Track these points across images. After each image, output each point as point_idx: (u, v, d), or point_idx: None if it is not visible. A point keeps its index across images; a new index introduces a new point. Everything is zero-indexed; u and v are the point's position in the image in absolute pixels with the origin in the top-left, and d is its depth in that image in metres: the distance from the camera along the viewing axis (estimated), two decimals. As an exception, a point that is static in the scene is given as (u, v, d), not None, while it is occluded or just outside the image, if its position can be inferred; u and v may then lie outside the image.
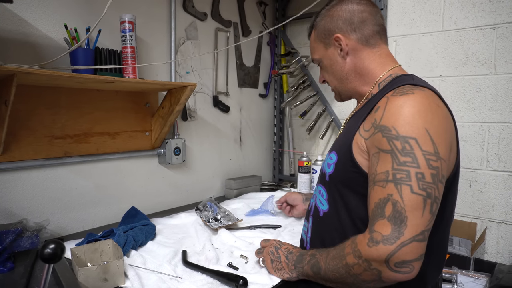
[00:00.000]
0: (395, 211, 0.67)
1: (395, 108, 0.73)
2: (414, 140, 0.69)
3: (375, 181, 0.72)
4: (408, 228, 0.65)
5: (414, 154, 0.68)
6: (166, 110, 1.50)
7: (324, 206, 0.90)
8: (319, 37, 0.94)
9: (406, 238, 0.65)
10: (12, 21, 1.13)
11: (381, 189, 0.70)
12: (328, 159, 0.89)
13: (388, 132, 0.71)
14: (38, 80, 1.09)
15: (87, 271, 0.86)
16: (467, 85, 1.58)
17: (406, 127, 0.69)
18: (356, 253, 0.70)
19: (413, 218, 0.66)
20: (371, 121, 0.78)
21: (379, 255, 0.66)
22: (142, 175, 1.56)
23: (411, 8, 1.71)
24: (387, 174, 0.69)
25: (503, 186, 1.51)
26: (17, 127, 1.16)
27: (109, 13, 1.03)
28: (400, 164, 0.68)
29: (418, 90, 0.75)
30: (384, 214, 0.68)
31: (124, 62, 1.30)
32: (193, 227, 1.34)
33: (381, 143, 0.72)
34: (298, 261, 0.88)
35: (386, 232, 0.66)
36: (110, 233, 1.13)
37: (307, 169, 1.78)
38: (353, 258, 0.71)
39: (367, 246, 0.68)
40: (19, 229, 1.06)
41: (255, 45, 2.14)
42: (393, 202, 0.67)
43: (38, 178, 1.23)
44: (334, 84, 0.97)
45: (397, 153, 0.69)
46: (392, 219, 0.67)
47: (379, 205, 0.69)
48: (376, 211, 0.70)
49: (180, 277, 0.96)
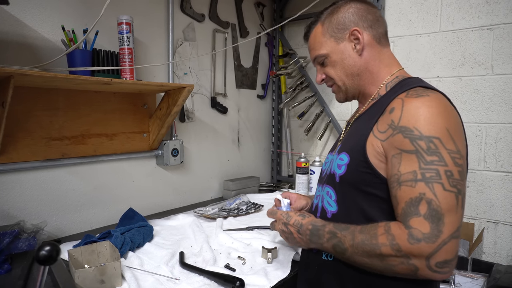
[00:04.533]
0: (431, 209, 0.67)
1: (414, 109, 0.74)
2: (438, 140, 0.70)
3: (401, 181, 0.72)
4: (446, 225, 0.66)
5: (440, 153, 0.70)
6: (164, 112, 1.50)
7: (333, 207, 0.88)
8: (330, 31, 0.92)
9: (445, 236, 0.66)
10: (9, 23, 1.13)
11: (411, 189, 0.70)
12: (338, 160, 0.88)
13: (410, 132, 0.72)
14: (36, 81, 1.09)
15: (84, 272, 0.86)
16: (465, 86, 1.58)
17: (429, 127, 0.71)
18: (394, 246, 0.69)
19: (450, 215, 0.67)
20: (386, 122, 0.78)
21: (420, 253, 0.66)
22: (139, 176, 1.56)
23: (408, 9, 1.71)
24: (415, 174, 0.70)
25: (500, 187, 1.52)
26: (14, 128, 1.16)
27: (107, 14, 1.03)
28: (428, 163, 0.69)
29: (432, 92, 0.77)
30: (419, 212, 0.68)
31: (122, 64, 1.31)
32: (190, 229, 1.34)
33: (403, 144, 0.73)
34: (313, 236, 0.85)
35: (425, 230, 0.66)
36: (108, 234, 1.13)
37: (305, 170, 1.78)
38: (390, 250, 0.70)
39: (408, 243, 0.67)
40: (16, 231, 1.06)
41: (253, 46, 2.14)
42: (428, 201, 0.68)
43: (36, 180, 1.23)
44: (343, 81, 0.94)
45: (422, 153, 0.70)
46: (429, 217, 0.67)
47: (411, 204, 0.69)
48: (409, 209, 0.70)
49: (177, 279, 0.96)
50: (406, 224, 0.69)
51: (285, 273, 1.01)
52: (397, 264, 0.70)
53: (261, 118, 2.26)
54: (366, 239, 0.74)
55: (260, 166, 2.29)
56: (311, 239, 0.86)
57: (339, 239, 0.79)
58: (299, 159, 1.81)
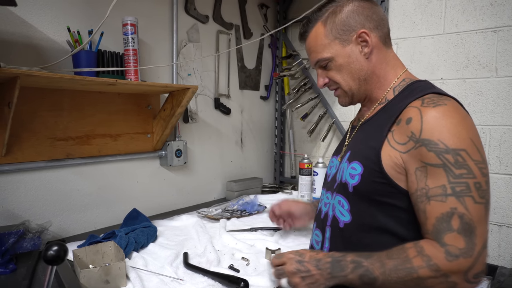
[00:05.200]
0: (463, 223, 0.67)
1: (435, 120, 0.72)
2: (464, 152, 0.69)
3: (429, 196, 0.71)
4: (478, 237, 0.67)
5: (468, 165, 0.69)
6: (168, 112, 1.50)
7: (346, 217, 0.85)
8: (334, 33, 0.87)
9: (479, 247, 0.66)
10: (15, 24, 1.14)
11: (441, 204, 0.69)
12: (350, 169, 0.84)
13: (434, 146, 0.71)
14: (41, 82, 1.10)
15: (89, 272, 0.86)
16: (468, 88, 1.58)
17: (454, 139, 0.70)
18: (432, 267, 0.67)
19: (480, 226, 0.67)
20: (406, 133, 0.75)
21: (459, 269, 0.66)
22: (143, 177, 1.56)
23: (412, 11, 1.71)
24: (444, 188, 0.69)
25: (504, 189, 1.51)
26: (19, 129, 1.16)
27: (112, 15, 1.03)
28: (457, 177, 0.69)
29: (448, 100, 0.75)
30: (452, 227, 0.67)
31: (126, 65, 1.31)
32: (194, 229, 1.34)
33: (428, 157, 0.71)
34: (335, 269, 0.76)
35: (461, 245, 0.66)
36: (112, 235, 1.14)
37: (308, 171, 1.78)
38: (428, 272, 0.68)
39: (447, 261, 0.66)
40: (21, 231, 1.06)
41: (257, 47, 2.15)
42: (460, 215, 0.67)
43: (40, 180, 1.23)
44: (349, 86, 0.90)
45: (450, 166, 0.69)
46: (462, 231, 0.67)
47: (443, 219, 0.69)
48: (441, 225, 0.69)
49: (181, 279, 0.96)
50: (441, 241, 0.68)
51: (289, 274, 1.01)
52: (436, 284, 0.68)
53: (264, 119, 2.26)
54: (398, 264, 0.71)
55: (263, 167, 2.29)
56: (333, 272, 0.76)
57: (365, 268, 0.73)
58: (302, 160, 1.80)
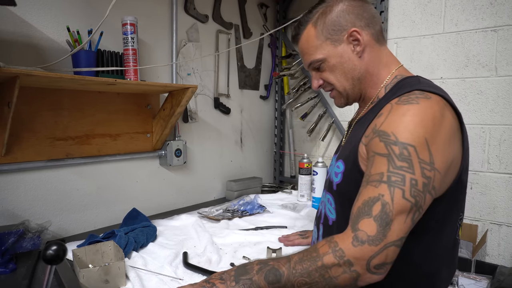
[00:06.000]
0: (382, 212, 0.66)
1: (397, 116, 0.72)
2: (412, 148, 0.68)
3: (369, 181, 0.71)
4: (392, 231, 0.65)
5: (411, 160, 0.67)
6: (167, 112, 1.50)
7: (333, 215, 0.87)
8: (325, 34, 0.86)
9: (388, 241, 0.64)
10: (15, 23, 1.14)
11: (373, 188, 0.69)
12: (335, 167, 0.86)
13: (386, 137, 0.71)
14: (41, 82, 1.10)
15: (88, 272, 0.86)
16: (468, 87, 1.58)
17: (406, 134, 0.69)
18: (337, 252, 0.66)
19: (397, 223, 0.65)
20: (372, 127, 0.77)
21: (362, 255, 0.64)
22: (143, 176, 1.57)
23: (412, 11, 1.71)
24: (382, 176, 0.69)
25: (504, 188, 1.51)
26: (19, 128, 1.16)
27: (111, 15, 1.03)
28: (396, 168, 0.68)
29: (424, 99, 0.72)
30: (371, 213, 0.66)
31: (126, 64, 1.31)
32: (194, 229, 1.34)
33: (377, 147, 0.72)
34: (240, 273, 0.73)
35: (371, 232, 0.65)
36: (111, 234, 1.14)
37: (307, 171, 1.78)
38: (332, 258, 0.66)
39: (352, 245, 0.65)
40: (21, 230, 1.07)
41: (256, 47, 2.15)
42: (383, 203, 0.66)
43: (40, 180, 1.23)
44: (344, 86, 0.90)
45: (394, 157, 0.68)
46: (378, 219, 0.65)
47: (367, 203, 0.68)
48: (363, 209, 0.68)
49: (181, 279, 0.96)
50: (355, 226, 0.67)
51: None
52: (340, 274, 0.65)
53: (264, 119, 2.26)
54: (304, 255, 0.69)
55: (262, 166, 2.29)
56: (237, 276, 0.72)
57: (272, 266, 0.71)
58: (301, 160, 1.81)
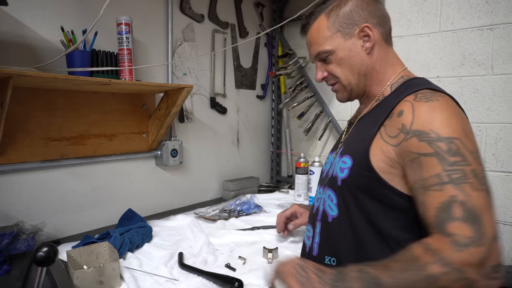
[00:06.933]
0: (465, 211, 0.62)
1: (426, 113, 0.72)
2: (458, 140, 0.68)
3: (426, 186, 0.68)
4: (486, 225, 0.61)
5: (461, 152, 0.67)
6: (163, 112, 1.50)
7: (333, 211, 0.85)
8: (337, 26, 0.86)
9: (489, 236, 0.60)
10: (8, 23, 1.13)
11: (439, 193, 0.66)
12: (341, 163, 0.84)
13: (426, 135, 0.70)
14: (34, 82, 1.09)
15: (82, 273, 0.86)
16: (464, 86, 1.58)
17: (446, 129, 0.69)
18: (442, 261, 0.60)
19: (486, 214, 0.62)
20: (396, 126, 0.75)
21: (472, 260, 0.59)
22: (139, 177, 1.56)
23: (408, 9, 1.71)
24: (439, 177, 0.66)
25: (500, 187, 1.51)
26: (13, 129, 1.15)
27: (106, 15, 1.02)
28: (451, 164, 0.66)
29: (441, 96, 0.74)
30: (454, 216, 0.63)
31: (121, 64, 1.30)
32: (189, 229, 1.33)
33: (419, 147, 0.70)
34: (337, 280, 0.68)
35: (469, 234, 0.60)
36: (107, 235, 1.13)
37: (304, 170, 1.78)
38: (438, 268, 0.60)
39: (456, 252, 0.60)
40: (15, 232, 1.06)
41: (253, 46, 2.14)
42: (460, 203, 0.63)
43: (35, 181, 1.23)
44: (349, 81, 0.89)
45: (443, 154, 0.67)
46: (466, 219, 0.62)
47: (442, 209, 0.64)
48: (441, 215, 0.64)
49: (176, 279, 0.95)
50: (445, 232, 0.62)
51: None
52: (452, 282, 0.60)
53: (260, 119, 2.26)
54: (405, 264, 0.64)
55: (259, 166, 2.28)
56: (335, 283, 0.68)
57: (372, 275, 0.65)
58: (298, 160, 1.80)
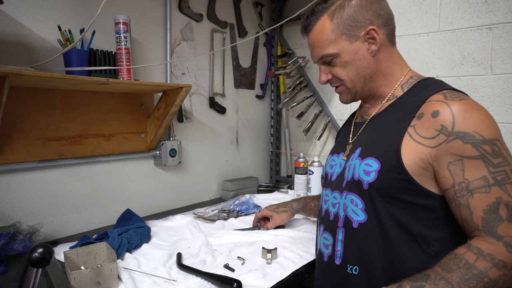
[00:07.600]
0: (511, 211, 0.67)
1: (465, 113, 0.73)
2: (498, 141, 0.71)
3: (471, 189, 0.70)
4: None
5: (502, 154, 0.71)
6: (162, 112, 1.49)
7: (360, 217, 0.82)
8: (341, 28, 0.84)
9: None
10: (4, 22, 1.12)
11: (486, 195, 0.69)
12: (364, 165, 0.82)
13: (470, 138, 0.71)
14: (31, 81, 1.08)
15: (79, 274, 0.85)
16: (464, 86, 1.58)
17: (489, 130, 0.71)
18: (499, 264, 0.65)
19: None
20: (433, 127, 0.74)
21: None
22: (137, 177, 1.55)
23: (407, 9, 1.71)
24: (486, 179, 0.69)
25: (500, 187, 1.51)
26: (10, 129, 1.15)
27: (104, 14, 1.02)
28: (495, 166, 0.69)
29: (467, 95, 0.78)
30: (502, 217, 0.67)
31: (119, 64, 1.30)
32: (188, 229, 1.33)
33: (464, 149, 0.71)
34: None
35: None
36: (105, 235, 1.12)
37: (304, 170, 1.78)
38: (497, 271, 0.65)
39: (509, 253, 0.65)
40: (12, 232, 1.05)
41: (252, 46, 2.14)
42: (505, 204, 0.67)
43: (32, 181, 1.22)
44: (354, 84, 0.88)
45: (489, 157, 0.70)
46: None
47: (490, 211, 0.68)
48: (490, 218, 0.68)
49: (174, 280, 0.95)
50: (495, 235, 0.67)
51: (284, 274, 1.00)
52: (507, 284, 0.66)
53: (259, 118, 2.25)
54: (463, 274, 0.66)
55: (258, 166, 2.28)
56: None
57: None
58: (298, 159, 1.80)
